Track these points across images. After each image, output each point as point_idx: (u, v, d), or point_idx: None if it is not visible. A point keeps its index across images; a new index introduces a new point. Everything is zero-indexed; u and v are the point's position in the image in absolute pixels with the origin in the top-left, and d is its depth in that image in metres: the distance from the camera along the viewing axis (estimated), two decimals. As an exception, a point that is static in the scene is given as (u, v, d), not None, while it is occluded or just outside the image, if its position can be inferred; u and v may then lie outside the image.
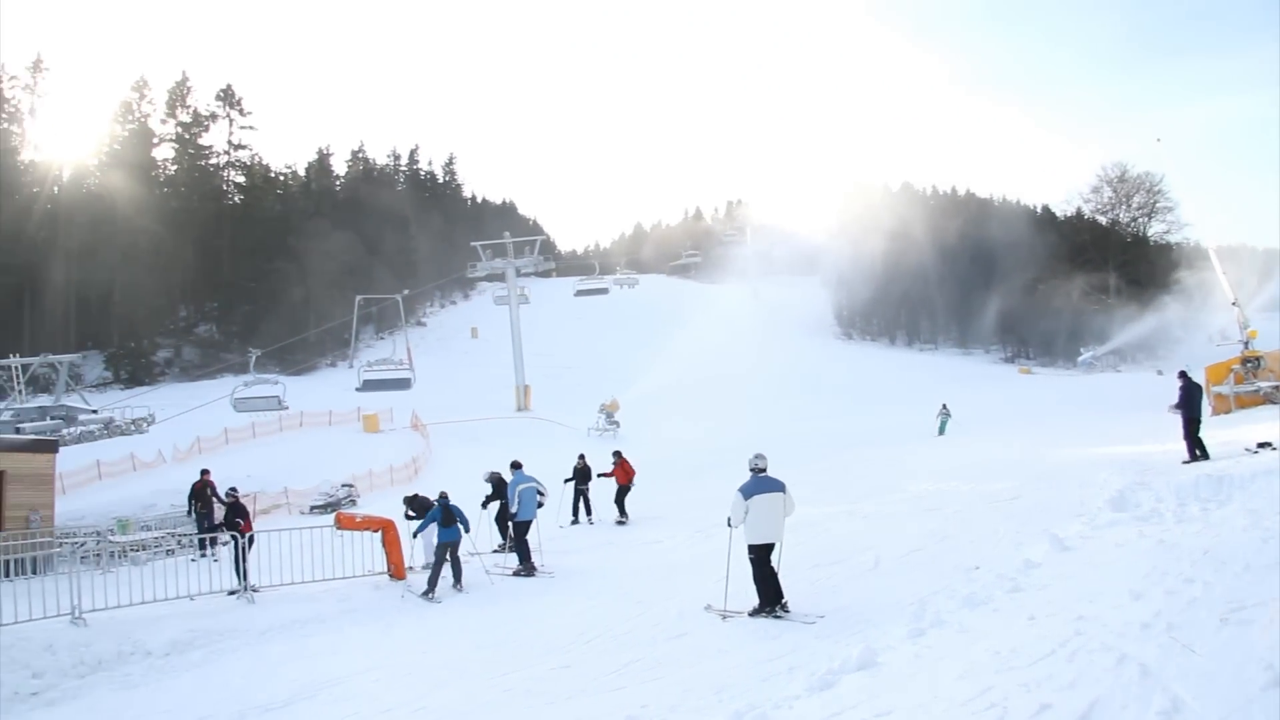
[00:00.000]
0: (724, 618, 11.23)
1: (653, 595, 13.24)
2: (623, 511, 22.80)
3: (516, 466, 18.43)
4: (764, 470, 11.30)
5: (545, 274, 67.53)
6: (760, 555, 11.05)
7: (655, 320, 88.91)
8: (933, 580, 11.06)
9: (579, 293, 65.85)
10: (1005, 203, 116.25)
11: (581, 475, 23.34)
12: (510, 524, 17.96)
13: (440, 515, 16.23)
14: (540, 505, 17.72)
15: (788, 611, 10.80)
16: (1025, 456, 23.46)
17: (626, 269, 74.65)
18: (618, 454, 23.78)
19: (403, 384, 39.83)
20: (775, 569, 11.05)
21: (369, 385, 38.89)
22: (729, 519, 11.29)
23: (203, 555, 19.87)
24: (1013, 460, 23.04)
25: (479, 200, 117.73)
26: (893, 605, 10.21)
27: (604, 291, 65.79)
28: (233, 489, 18.85)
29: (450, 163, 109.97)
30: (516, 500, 17.35)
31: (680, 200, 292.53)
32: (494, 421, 51.27)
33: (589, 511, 23.11)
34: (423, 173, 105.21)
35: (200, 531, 21.39)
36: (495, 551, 18.97)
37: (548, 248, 73.13)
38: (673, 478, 31.48)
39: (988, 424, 41.34)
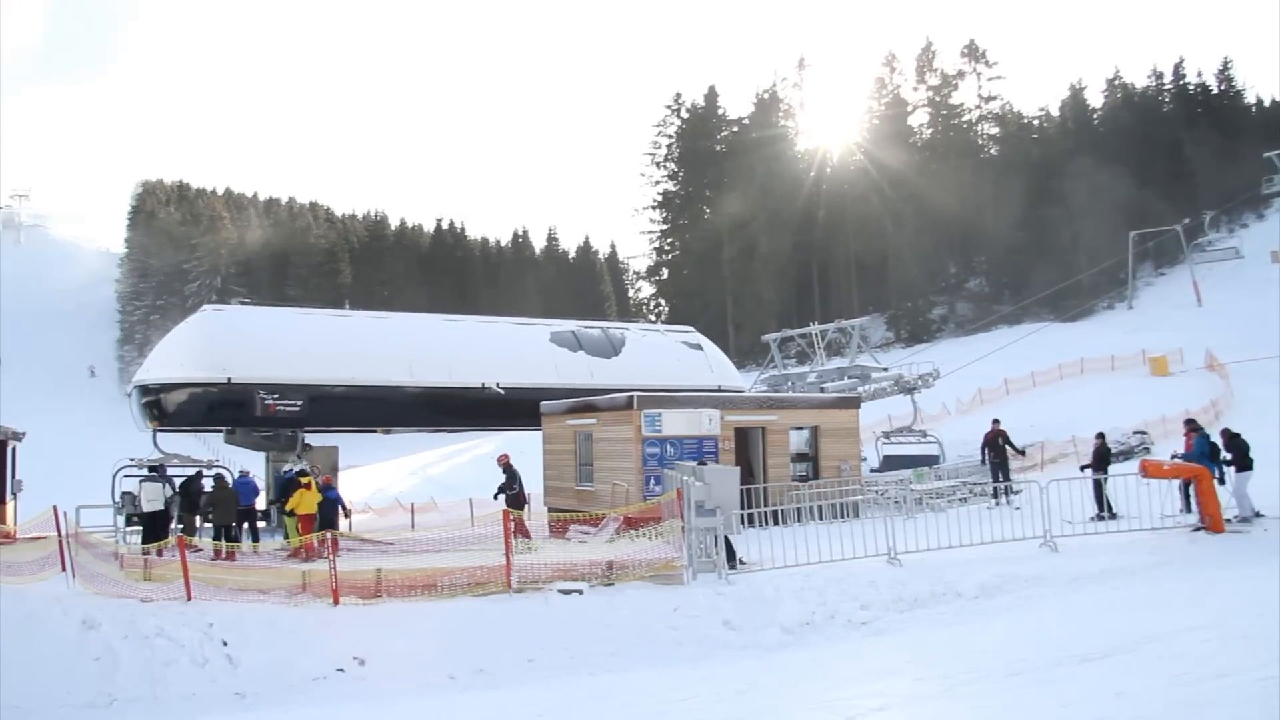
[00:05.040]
0: None
1: None
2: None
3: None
4: None
5: None
6: None
7: None
8: None
9: None
10: None
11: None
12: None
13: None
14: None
15: None
16: None
17: None
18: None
19: (929, 461, 30.74)
20: None
21: (889, 463, 31.08)
22: None
23: (998, 503, 20.09)
24: None
25: (1266, 104, 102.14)
26: None
27: None
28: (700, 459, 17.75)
29: (1225, 68, 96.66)
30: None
31: None
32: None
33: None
34: (1191, 86, 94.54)
35: (994, 480, 21.58)
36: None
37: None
38: None
39: None
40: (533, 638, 12.55)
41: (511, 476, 19.41)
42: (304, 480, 18.41)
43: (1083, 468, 18.93)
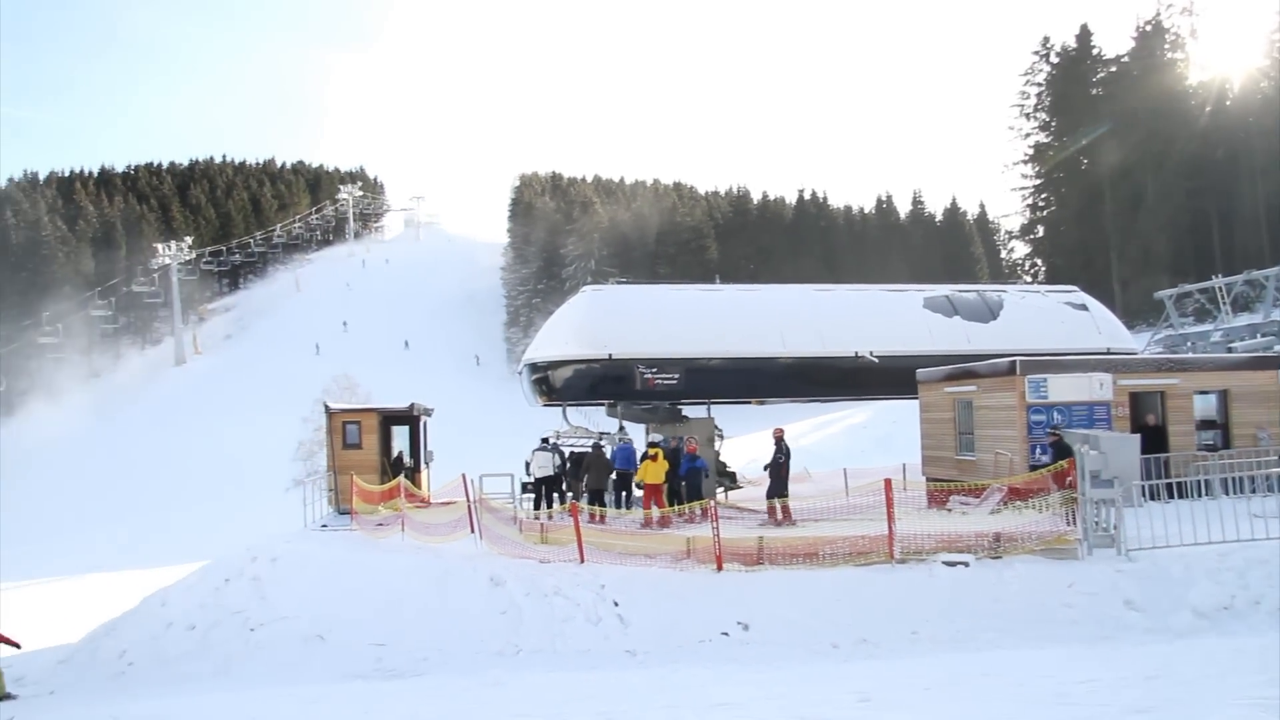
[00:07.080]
0: None
1: None
2: None
3: None
4: None
5: None
6: None
7: None
8: None
9: None
10: None
11: None
12: None
13: None
14: None
15: None
16: None
17: None
18: None
19: None
20: None
21: None
22: None
23: None
24: None
25: None
26: None
27: None
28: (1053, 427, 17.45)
29: None
30: None
31: None
32: None
33: None
34: None
35: None
36: None
37: None
38: None
39: None
40: (916, 609, 12.34)
41: (779, 449, 19.29)
42: (650, 451, 19.15)
43: None
